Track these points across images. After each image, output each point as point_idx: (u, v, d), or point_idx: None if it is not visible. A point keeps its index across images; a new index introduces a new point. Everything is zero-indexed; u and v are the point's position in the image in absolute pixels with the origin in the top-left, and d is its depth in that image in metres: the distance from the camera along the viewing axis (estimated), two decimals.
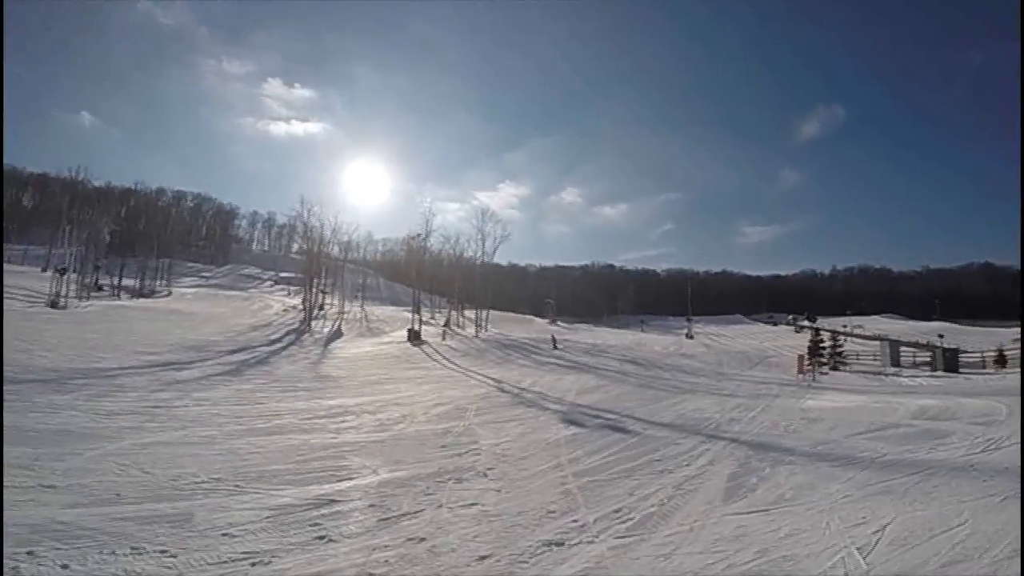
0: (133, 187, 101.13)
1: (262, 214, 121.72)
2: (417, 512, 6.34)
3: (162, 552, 4.89)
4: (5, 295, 42.24)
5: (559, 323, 68.37)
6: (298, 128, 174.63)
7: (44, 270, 57.01)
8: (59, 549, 4.76)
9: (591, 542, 5.58)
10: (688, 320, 74.67)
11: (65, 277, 44.94)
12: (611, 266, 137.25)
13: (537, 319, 71.12)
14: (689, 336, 61.44)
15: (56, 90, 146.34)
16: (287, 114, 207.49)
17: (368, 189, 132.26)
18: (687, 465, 8.90)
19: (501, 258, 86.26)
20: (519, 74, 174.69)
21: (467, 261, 61.81)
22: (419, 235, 59.62)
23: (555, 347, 37.88)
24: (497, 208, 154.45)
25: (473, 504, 6.73)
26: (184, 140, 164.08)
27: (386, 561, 4.99)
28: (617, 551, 5.39)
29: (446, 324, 49.17)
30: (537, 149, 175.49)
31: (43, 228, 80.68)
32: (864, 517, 6.26)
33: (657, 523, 6.19)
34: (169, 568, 4.64)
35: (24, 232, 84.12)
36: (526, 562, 5.10)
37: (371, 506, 6.48)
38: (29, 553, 4.60)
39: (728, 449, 10.20)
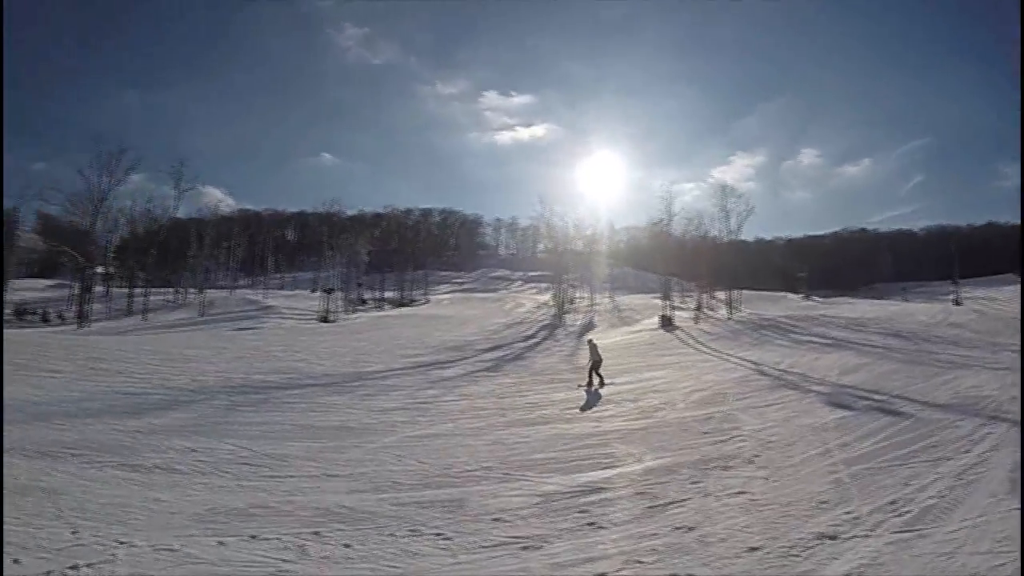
0: (382, 211, 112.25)
1: (505, 219, 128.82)
2: (684, 500, 6.21)
3: (438, 535, 5.31)
4: (283, 315, 49.37)
5: (813, 298, 63.35)
6: (523, 133, 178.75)
7: (313, 291, 65.51)
8: (342, 531, 5.39)
9: (866, 536, 5.12)
10: (954, 284, 64.93)
11: (332, 295, 51.17)
12: (863, 230, 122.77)
13: (790, 295, 66.43)
14: (957, 302, 53.39)
15: (300, 139, 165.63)
16: (509, 122, 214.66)
17: (602, 180, 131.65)
18: (967, 452, 7.88)
19: (747, 234, 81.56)
20: (731, 40, 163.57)
21: (712, 241, 59.62)
22: (661, 220, 58.64)
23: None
24: (732, 182, 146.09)
25: (740, 492, 6.45)
26: (420, 162, 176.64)
27: (654, 549, 4.92)
28: (895, 547, 4.88)
29: (697, 307, 47.72)
30: (766, 114, 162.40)
31: (307, 256, 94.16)
32: None
33: (937, 517, 5.53)
34: (444, 549, 5.01)
35: (292, 262, 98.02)
36: (798, 556, 4.78)
37: (637, 494, 6.46)
38: (315, 533, 5.27)
39: (1012, 433, 8.74)
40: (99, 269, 53.25)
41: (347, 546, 5.05)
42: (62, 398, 11.98)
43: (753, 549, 4.91)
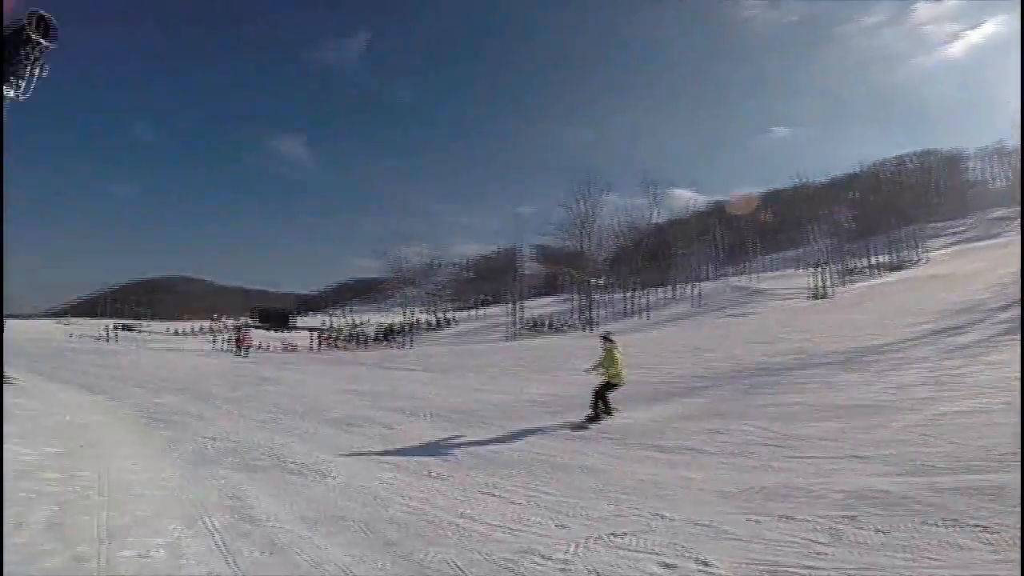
0: (853, 171, 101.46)
1: (987, 145, 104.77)
2: None
3: (981, 528, 4.54)
4: (775, 297, 48.92)
5: None
6: (974, 36, 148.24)
7: (799, 269, 62.97)
8: (876, 515, 4.92)
9: None
10: None
11: (820, 270, 48.94)
12: None
13: None
14: None
15: (745, 118, 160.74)
16: (953, 29, 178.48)
17: None
18: None
19: None
20: None
21: None
22: None
23: None
24: None
25: None
26: (870, 108, 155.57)
27: None
28: None
29: None
30: None
31: (787, 234, 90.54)
32: None
33: None
34: (987, 544, 4.28)
35: (773, 243, 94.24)
36: None
37: None
38: (849, 517, 4.91)
39: None
40: (596, 281, 60.20)
41: (882, 532, 4.61)
42: (584, 392, 13.69)
43: None
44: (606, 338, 11.08)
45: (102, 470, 7.55)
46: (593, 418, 10.17)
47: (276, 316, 66.82)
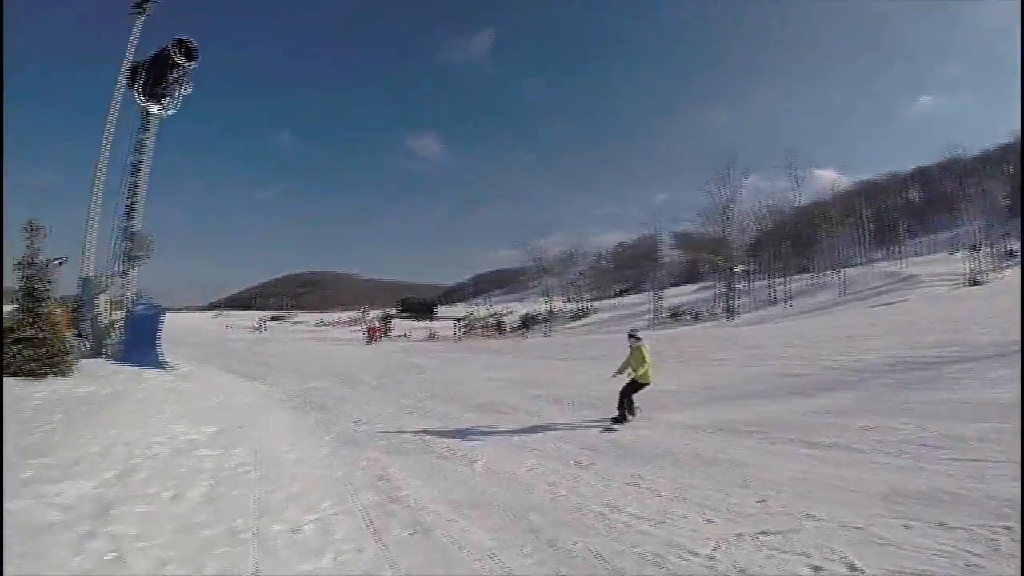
0: (1009, 140, 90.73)
1: None
2: None
3: None
4: (926, 284, 45.70)
5: None
6: None
7: (953, 252, 58.31)
8: None
9: None
10: None
11: (975, 253, 45.26)
12: None
13: None
14: None
15: (889, 90, 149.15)
16: None
17: None
18: None
19: None
20: None
21: None
22: None
23: None
24: None
25: None
26: None
27: None
28: None
29: None
30: None
31: (938, 214, 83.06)
32: None
33: None
34: None
35: (923, 224, 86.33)
36: None
37: None
38: (1008, 528, 4.61)
39: None
40: (738, 268, 58.21)
41: None
42: (730, 383, 13.46)
43: None
44: (632, 335, 10.87)
45: (256, 449, 8.15)
46: (619, 419, 10.06)
47: (420, 306, 68.97)
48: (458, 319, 65.19)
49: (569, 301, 76.09)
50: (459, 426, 10.31)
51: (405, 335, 56.41)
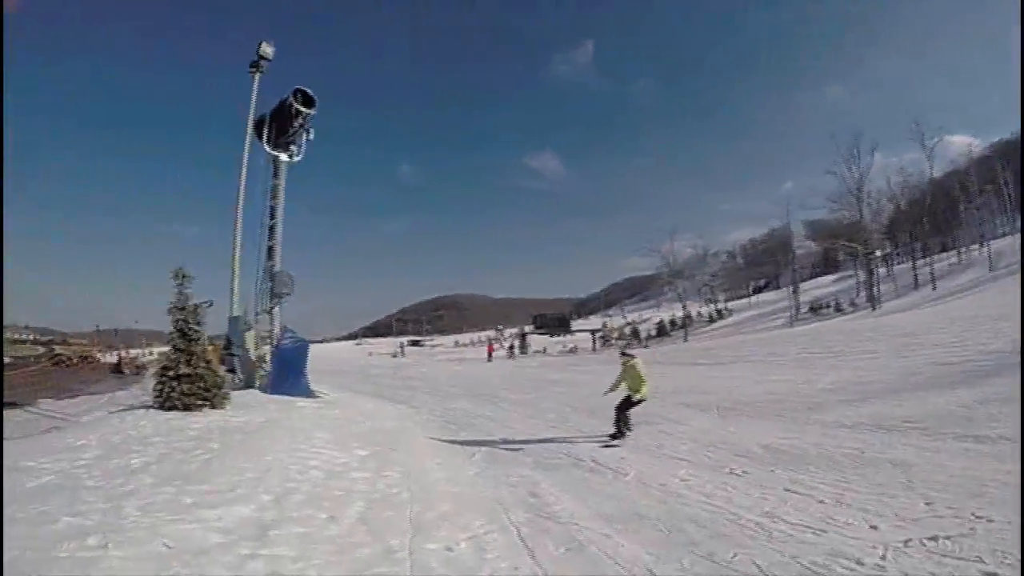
0: None
1: None
2: None
3: None
4: None
5: None
6: None
7: None
8: None
9: None
10: None
11: None
12: None
13: None
14: None
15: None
16: None
17: None
18: None
19: None
20: None
21: None
22: None
23: None
24: None
25: None
26: None
27: None
28: None
29: None
30: None
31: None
32: None
33: None
34: None
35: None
36: None
37: None
38: None
39: None
40: (876, 252, 54.53)
41: None
42: (884, 376, 12.70)
43: None
44: (624, 353, 10.99)
45: (406, 470, 8.36)
46: (617, 435, 9.96)
47: (555, 321, 68.97)
48: (594, 331, 64.96)
49: (706, 304, 73.89)
50: (604, 439, 10.21)
51: (543, 350, 56.84)
